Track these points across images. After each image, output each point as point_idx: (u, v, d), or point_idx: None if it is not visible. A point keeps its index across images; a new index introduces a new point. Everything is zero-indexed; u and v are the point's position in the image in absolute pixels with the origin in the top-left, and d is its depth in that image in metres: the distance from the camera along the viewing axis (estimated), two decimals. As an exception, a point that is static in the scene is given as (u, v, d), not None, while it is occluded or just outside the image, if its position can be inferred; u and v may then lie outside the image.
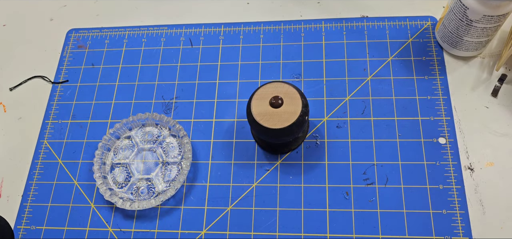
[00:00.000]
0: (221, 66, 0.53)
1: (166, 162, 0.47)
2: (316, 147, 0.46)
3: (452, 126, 0.46)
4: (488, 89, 0.48)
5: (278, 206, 0.44)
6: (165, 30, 0.56)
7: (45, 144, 0.50)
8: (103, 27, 0.58)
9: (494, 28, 0.44)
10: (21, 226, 0.46)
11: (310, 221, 0.43)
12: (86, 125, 0.51)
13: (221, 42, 0.54)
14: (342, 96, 0.49)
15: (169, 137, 0.48)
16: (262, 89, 0.42)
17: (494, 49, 0.50)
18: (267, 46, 0.53)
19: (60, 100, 0.53)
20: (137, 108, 0.51)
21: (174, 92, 0.52)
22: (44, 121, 0.52)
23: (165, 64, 0.54)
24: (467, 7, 0.43)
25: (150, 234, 0.44)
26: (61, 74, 0.55)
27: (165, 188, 0.45)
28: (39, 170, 0.49)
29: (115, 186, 0.46)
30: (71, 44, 0.57)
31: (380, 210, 0.43)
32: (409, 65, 0.50)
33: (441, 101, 0.47)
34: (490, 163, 0.44)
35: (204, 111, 0.50)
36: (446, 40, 0.48)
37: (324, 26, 0.54)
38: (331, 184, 0.44)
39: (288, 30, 0.54)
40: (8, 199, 0.48)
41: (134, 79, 0.53)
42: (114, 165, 0.48)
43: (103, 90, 0.53)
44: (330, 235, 0.42)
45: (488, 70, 0.49)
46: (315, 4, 0.56)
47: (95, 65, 0.55)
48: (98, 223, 0.45)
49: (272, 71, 0.51)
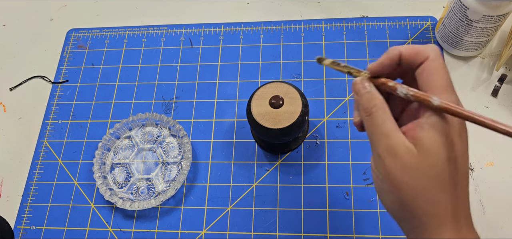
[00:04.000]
0: (221, 66, 0.53)
1: (166, 162, 0.47)
2: (316, 147, 0.46)
3: (452, 125, 0.46)
4: (488, 89, 0.48)
5: (278, 206, 0.44)
6: (165, 30, 0.56)
7: (45, 144, 0.50)
8: (103, 27, 0.58)
9: (494, 28, 0.44)
10: (21, 226, 0.46)
11: (310, 221, 0.43)
12: (86, 124, 0.51)
13: (221, 42, 0.54)
14: (342, 96, 0.49)
15: (169, 137, 0.48)
16: (262, 89, 0.42)
17: (494, 49, 0.50)
18: (267, 46, 0.53)
19: (60, 100, 0.53)
20: (137, 108, 0.51)
21: (174, 92, 0.52)
22: (44, 121, 0.52)
23: (165, 64, 0.54)
24: (467, 7, 0.43)
25: (150, 234, 0.44)
26: (61, 74, 0.55)
27: (165, 188, 0.45)
28: (39, 170, 0.49)
29: (115, 186, 0.46)
30: (71, 44, 0.57)
31: (380, 210, 0.42)
32: (409, 65, 0.50)
33: (441, 101, 0.47)
34: (490, 163, 0.44)
35: (204, 111, 0.50)
36: (446, 40, 0.48)
37: (324, 26, 0.54)
38: (331, 184, 0.44)
39: (288, 30, 0.54)
40: (8, 199, 0.48)
41: (134, 79, 0.53)
42: (114, 165, 0.48)
43: (103, 90, 0.53)
44: (330, 235, 0.42)
45: (488, 70, 0.49)
46: (315, 4, 0.56)
47: (95, 65, 0.55)
48: (98, 223, 0.45)
49: (272, 71, 0.51)
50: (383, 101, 0.28)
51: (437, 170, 0.26)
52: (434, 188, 0.27)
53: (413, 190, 0.27)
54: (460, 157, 0.27)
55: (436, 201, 0.27)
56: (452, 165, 0.26)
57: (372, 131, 0.28)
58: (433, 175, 0.26)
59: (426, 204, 0.27)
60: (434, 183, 0.27)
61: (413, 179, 0.27)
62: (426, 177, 0.27)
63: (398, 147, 0.27)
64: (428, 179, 0.27)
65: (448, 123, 0.27)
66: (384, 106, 0.28)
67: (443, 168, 0.26)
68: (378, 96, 0.29)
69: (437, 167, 0.26)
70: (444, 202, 0.27)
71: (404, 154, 0.27)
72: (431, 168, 0.26)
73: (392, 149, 0.27)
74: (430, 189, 0.27)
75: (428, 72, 0.28)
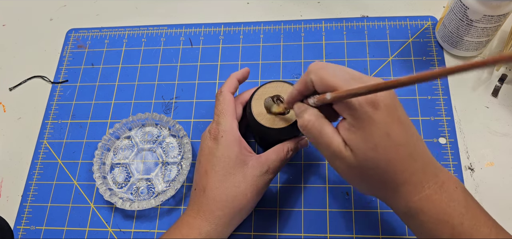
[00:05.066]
0: (221, 66, 0.53)
1: (166, 162, 0.47)
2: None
3: (452, 126, 0.46)
4: (488, 89, 0.48)
5: (278, 206, 0.44)
6: (165, 30, 0.56)
7: (44, 144, 0.50)
8: (103, 27, 0.58)
9: (495, 28, 0.44)
10: (21, 226, 0.46)
11: (310, 221, 0.43)
12: (86, 124, 0.51)
13: (221, 42, 0.54)
14: (342, 96, 0.49)
15: (169, 137, 0.48)
16: (262, 89, 0.42)
17: (495, 49, 0.50)
18: (267, 46, 0.53)
19: (60, 100, 0.53)
20: (137, 108, 0.51)
21: (174, 92, 0.51)
22: (43, 121, 0.52)
23: (165, 64, 0.54)
24: (468, 7, 0.43)
25: (150, 234, 0.44)
26: (61, 74, 0.55)
27: (165, 188, 0.45)
28: (38, 170, 0.49)
29: (114, 186, 0.46)
30: (70, 44, 0.57)
31: (380, 210, 0.42)
32: (409, 65, 0.50)
33: (441, 101, 0.47)
34: (491, 163, 0.44)
35: (204, 111, 0.50)
36: (447, 40, 0.48)
37: (324, 26, 0.54)
38: (331, 184, 0.44)
39: (288, 30, 0.54)
40: (8, 199, 0.48)
41: (134, 79, 0.53)
42: (114, 165, 0.48)
43: (103, 90, 0.53)
44: (330, 235, 0.42)
45: (489, 70, 0.49)
46: (315, 4, 0.56)
47: (94, 65, 0.55)
48: (97, 223, 0.45)
49: (272, 71, 0.51)
50: (317, 115, 0.32)
51: (372, 159, 0.30)
52: (381, 172, 0.30)
53: (363, 181, 0.32)
54: (387, 128, 0.29)
55: (388, 181, 0.30)
56: (382, 143, 0.29)
57: (315, 143, 0.33)
58: (371, 164, 0.30)
59: (382, 186, 0.31)
60: (376, 171, 0.30)
61: (359, 173, 0.31)
62: (367, 169, 0.30)
63: (338, 151, 0.31)
64: (370, 169, 0.30)
65: (357, 114, 0.29)
66: (318, 118, 0.32)
67: (376, 153, 0.29)
68: (311, 112, 0.33)
69: (370, 157, 0.30)
70: (396, 175, 0.30)
71: (345, 157, 0.31)
72: (366, 160, 0.30)
73: (334, 155, 0.31)
74: (375, 176, 0.31)
75: (326, 81, 0.31)
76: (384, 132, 0.29)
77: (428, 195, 0.30)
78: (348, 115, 0.30)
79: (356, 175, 0.32)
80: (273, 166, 0.38)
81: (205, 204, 0.37)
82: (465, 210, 0.29)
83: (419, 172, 0.30)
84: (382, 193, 0.32)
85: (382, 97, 0.29)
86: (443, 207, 0.29)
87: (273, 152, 0.39)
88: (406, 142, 0.30)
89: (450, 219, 0.29)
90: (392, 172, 0.30)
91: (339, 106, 0.31)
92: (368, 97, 0.29)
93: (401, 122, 0.30)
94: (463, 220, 0.29)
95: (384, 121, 0.29)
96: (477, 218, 0.30)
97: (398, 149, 0.29)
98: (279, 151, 0.39)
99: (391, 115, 0.29)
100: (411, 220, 0.31)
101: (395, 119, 0.29)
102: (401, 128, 0.30)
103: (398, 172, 0.30)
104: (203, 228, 0.36)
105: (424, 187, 0.30)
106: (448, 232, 0.29)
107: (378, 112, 0.29)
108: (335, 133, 0.31)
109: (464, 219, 0.29)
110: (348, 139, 0.30)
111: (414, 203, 0.30)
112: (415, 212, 0.30)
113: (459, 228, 0.29)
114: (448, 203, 0.29)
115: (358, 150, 0.30)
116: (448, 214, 0.29)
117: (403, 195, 0.30)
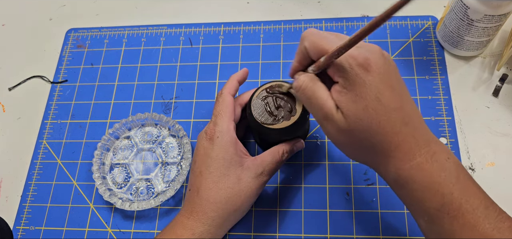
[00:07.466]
0: (221, 66, 0.53)
1: (165, 162, 0.47)
2: (316, 147, 0.46)
3: (453, 125, 0.46)
4: (489, 89, 0.48)
5: (278, 206, 0.44)
6: (165, 30, 0.56)
7: (44, 144, 0.50)
8: (103, 26, 0.58)
9: (495, 28, 0.44)
10: (20, 227, 0.46)
11: (310, 221, 0.43)
12: (85, 125, 0.51)
13: (221, 41, 0.54)
14: (342, 96, 0.49)
15: (169, 137, 0.48)
16: (262, 89, 0.42)
17: (495, 49, 0.50)
18: (267, 46, 0.53)
19: (59, 100, 0.53)
20: (137, 108, 0.51)
21: (174, 92, 0.51)
22: (43, 121, 0.52)
23: (165, 64, 0.53)
24: (468, 7, 0.43)
25: (149, 234, 0.44)
26: (60, 74, 0.55)
27: (164, 188, 0.45)
28: (38, 170, 0.49)
29: (114, 187, 0.46)
30: (70, 44, 0.57)
31: (381, 210, 0.42)
32: (410, 65, 0.49)
33: (442, 101, 0.47)
34: (491, 163, 0.44)
35: (204, 111, 0.50)
36: (447, 40, 0.48)
37: (324, 26, 0.54)
38: (331, 184, 0.44)
39: (288, 29, 0.54)
40: (7, 199, 0.48)
41: (133, 79, 0.53)
42: (114, 165, 0.47)
43: (103, 90, 0.53)
44: (330, 236, 0.42)
45: (489, 70, 0.49)
46: (316, 4, 0.56)
47: (94, 65, 0.55)
48: (97, 224, 0.45)
49: (272, 71, 0.51)
50: (312, 77, 0.33)
51: (362, 121, 0.30)
52: (371, 135, 0.30)
53: (353, 146, 0.32)
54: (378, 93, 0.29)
55: (378, 144, 0.30)
56: (373, 105, 0.29)
57: (308, 105, 0.34)
58: (361, 127, 0.30)
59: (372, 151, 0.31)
60: (366, 134, 0.30)
61: (349, 137, 0.31)
62: (357, 132, 0.30)
63: (330, 114, 0.31)
64: (360, 132, 0.30)
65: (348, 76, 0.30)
66: (313, 80, 0.33)
67: (366, 114, 0.30)
68: (307, 75, 0.33)
69: (360, 118, 0.30)
70: (385, 138, 0.30)
71: (336, 119, 0.31)
72: (356, 122, 0.30)
73: (326, 116, 0.32)
74: (365, 141, 0.31)
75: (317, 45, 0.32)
76: (375, 96, 0.29)
77: (419, 163, 0.29)
78: (339, 78, 0.31)
79: (347, 139, 0.32)
80: (268, 168, 0.38)
81: (199, 205, 0.37)
82: (456, 180, 0.29)
83: (410, 138, 0.30)
84: (372, 158, 0.32)
85: (375, 61, 0.29)
86: (434, 176, 0.29)
87: (269, 154, 0.39)
88: (397, 107, 0.30)
89: (440, 188, 0.29)
90: (382, 134, 0.30)
91: (331, 70, 0.31)
92: (359, 60, 0.29)
93: (393, 88, 0.30)
94: (453, 190, 0.29)
95: (375, 84, 0.29)
96: (468, 189, 0.29)
97: (389, 113, 0.29)
98: (274, 153, 0.39)
99: (383, 80, 0.29)
100: (401, 189, 0.31)
101: (387, 85, 0.29)
102: (393, 93, 0.30)
103: (388, 135, 0.30)
104: (197, 229, 0.36)
105: (415, 155, 0.30)
106: (438, 201, 0.29)
107: (369, 75, 0.29)
108: (329, 97, 0.32)
109: (454, 189, 0.29)
110: (339, 101, 0.30)
111: (405, 171, 0.30)
112: (405, 180, 0.30)
113: (449, 197, 0.29)
114: (439, 172, 0.29)
115: (349, 111, 0.30)
116: (438, 183, 0.29)
117: (394, 162, 0.30)
